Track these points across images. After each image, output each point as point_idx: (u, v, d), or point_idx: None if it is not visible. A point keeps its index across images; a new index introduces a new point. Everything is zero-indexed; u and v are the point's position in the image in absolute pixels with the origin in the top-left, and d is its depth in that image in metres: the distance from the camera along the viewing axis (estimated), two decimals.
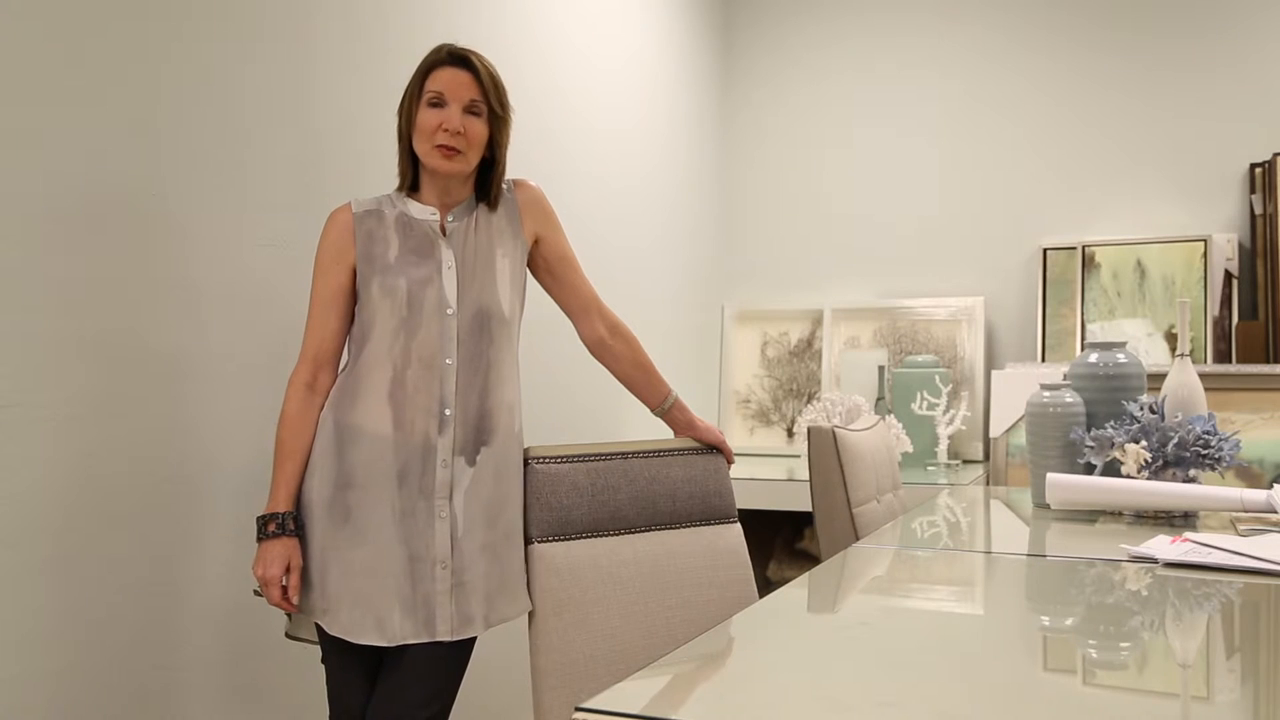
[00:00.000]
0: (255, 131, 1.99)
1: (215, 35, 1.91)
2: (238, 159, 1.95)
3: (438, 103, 1.70)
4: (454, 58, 1.73)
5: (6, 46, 1.57)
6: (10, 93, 1.58)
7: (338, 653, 1.70)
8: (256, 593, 1.67)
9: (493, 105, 1.73)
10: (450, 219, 1.76)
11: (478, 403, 1.72)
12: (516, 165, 2.37)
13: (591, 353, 1.91)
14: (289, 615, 1.76)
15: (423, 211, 1.76)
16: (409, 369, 1.68)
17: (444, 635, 1.66)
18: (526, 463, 1.77)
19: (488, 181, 1.79)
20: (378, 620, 1.65)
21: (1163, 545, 1.58)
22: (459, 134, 1.69)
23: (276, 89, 2.04)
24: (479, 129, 1.72)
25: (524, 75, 2.81)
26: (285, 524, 1.65)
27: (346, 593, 1.65)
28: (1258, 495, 1.84)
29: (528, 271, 1.85)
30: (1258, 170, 3.37)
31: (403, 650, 1.67)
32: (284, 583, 1.64)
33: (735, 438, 3.96)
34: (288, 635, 1.76)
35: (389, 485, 1.66)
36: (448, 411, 1.69)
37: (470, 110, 1.71)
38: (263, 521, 1.65)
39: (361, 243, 1.72)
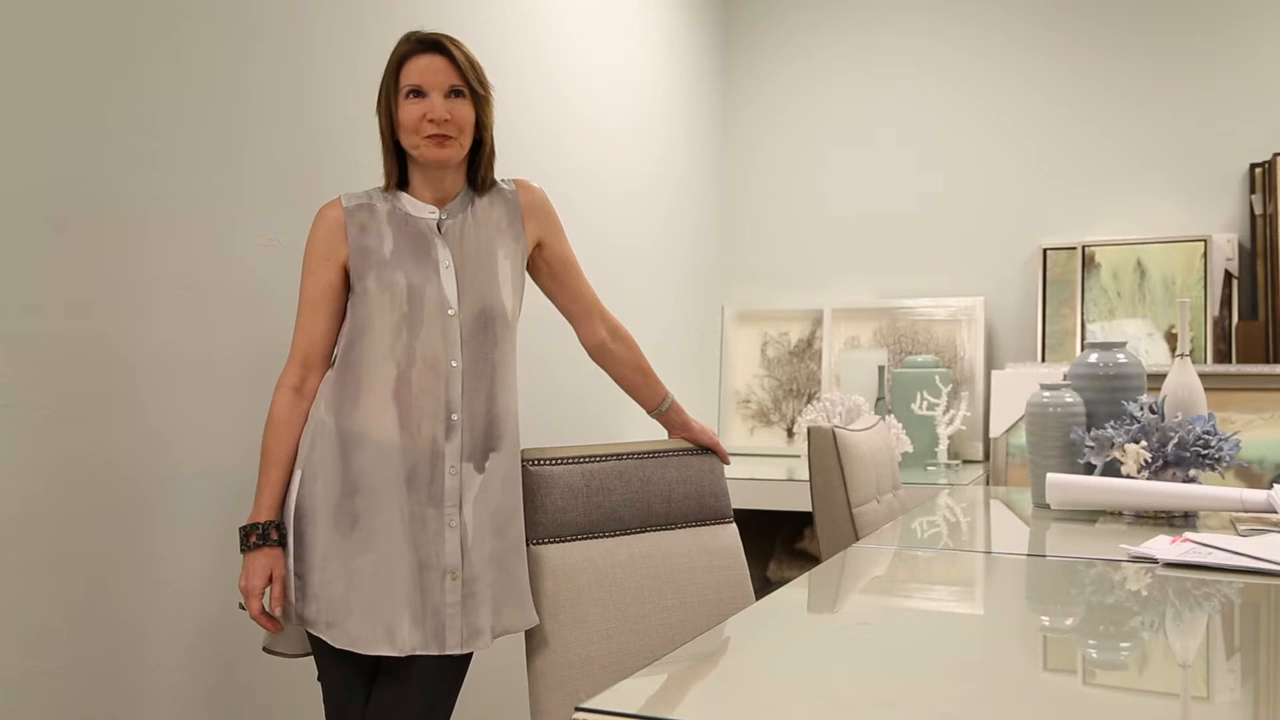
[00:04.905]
0: (255, 131, 1.99)
1: (215, 35, 1.91)
2: (237, 159, 1.95)
3: (418, 93, 1.64)
4: (425, 44, 1.65)
5: (7, 46, 1.57)
6: (10, 93, 1.58)
7: (338, 667, 1.64)
8: (241, 606, 1.62)
9: (473, 86, 1.66)
10: (445, 216, 1.70)
11: (485, 407, 1.67)
12: (517, 165, 2.37)
13: (592, 356, 1.89)
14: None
15: (419, 209, 1.70)
16: (414, 369, 1.62)
17: (454, 649, 1.62)
18: (522, 466, 1.74)
19: (477, 166, 1.73)
20: (387, 629, 1.59)
21: (1163, 545, 1.58)
22: (446, 121, 1.63)
23: (276, 89, 2.04)
24: (465, 112, 1.66)
25: (524, 75, 2.81)
26: (267, 534, 1.61)
27: (355, 603, 1.59)
28: (1258, 495, 1.84)
29: (527, 274, 1.81)
30: (1258, 170, 3.37)
31: (404, 662, 1.62)
32: (266, 595, 1.60)
33: (735, 438, 3.96)
34: (265, 649, 1.70)
35: (397, 490, 1.61)
36: (455, 416, 1.64)
37: (452, 95, 1.65)
38: (244, 533, 1.61)
39: (354, 236, 1.66)
